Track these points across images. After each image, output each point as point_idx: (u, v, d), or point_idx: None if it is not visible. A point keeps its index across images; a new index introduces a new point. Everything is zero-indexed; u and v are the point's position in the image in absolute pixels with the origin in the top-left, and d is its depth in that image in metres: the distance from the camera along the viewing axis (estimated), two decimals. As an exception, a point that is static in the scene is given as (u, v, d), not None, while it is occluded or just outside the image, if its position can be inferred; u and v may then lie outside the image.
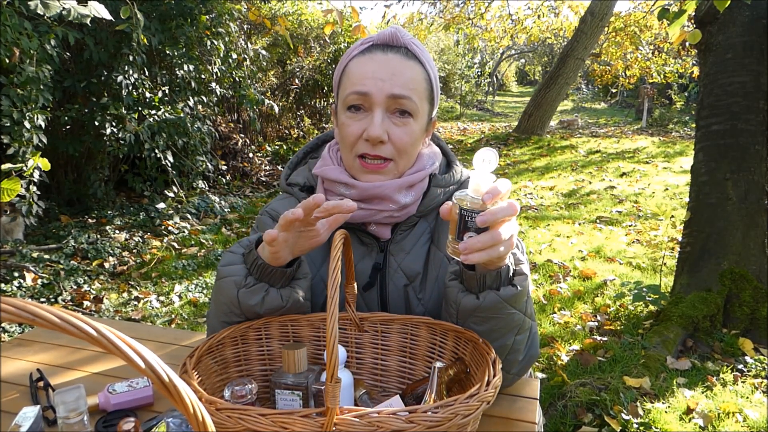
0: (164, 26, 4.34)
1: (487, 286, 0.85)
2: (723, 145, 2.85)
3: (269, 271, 0.89)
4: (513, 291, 0.84)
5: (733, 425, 2.08)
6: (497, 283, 0.85)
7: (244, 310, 0.91)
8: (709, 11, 2.90)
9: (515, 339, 0.88)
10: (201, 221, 4.90)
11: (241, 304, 0.90)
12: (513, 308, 0.85)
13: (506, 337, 0.87)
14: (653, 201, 5.71)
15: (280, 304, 0.91)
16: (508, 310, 0.85)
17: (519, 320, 0.87)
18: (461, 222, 0.77)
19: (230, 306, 0.91)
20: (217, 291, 0.93)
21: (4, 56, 2.75)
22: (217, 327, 0.94)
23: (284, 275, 0.90)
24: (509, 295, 0.84)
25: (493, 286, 0.85)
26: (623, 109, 15.75)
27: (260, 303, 0.90)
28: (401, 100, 0.94)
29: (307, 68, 7.63)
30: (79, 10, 2.14)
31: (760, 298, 2.71)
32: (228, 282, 0.90)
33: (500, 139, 9.71)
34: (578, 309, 3.20)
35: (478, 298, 0.85)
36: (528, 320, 0.89)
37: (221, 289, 0.91)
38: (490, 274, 0.84)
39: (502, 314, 0.85)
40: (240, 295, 0.89)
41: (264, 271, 0.89)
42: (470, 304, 0.85)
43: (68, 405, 0.82)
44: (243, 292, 0.89)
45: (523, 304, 0.87)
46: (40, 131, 3.22)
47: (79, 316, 0.34)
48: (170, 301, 3.35)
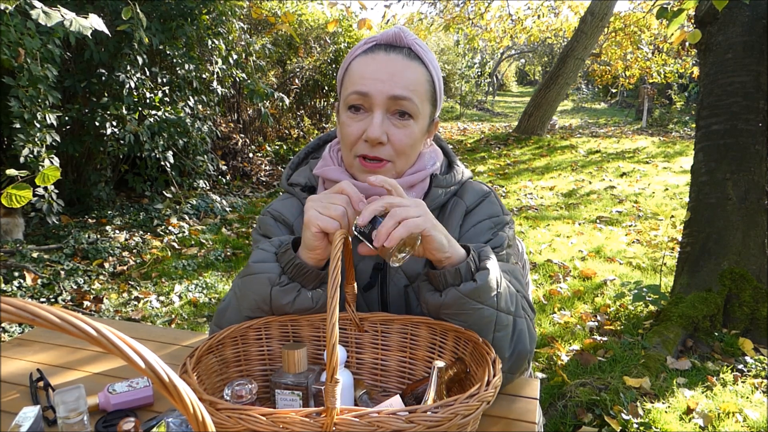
0: (165, 26, 4.34)
1: (449, 284, 0.87)
2: (723, 145, 2.85)
3: (305, 272, 0.90)
4: (473, 285, 0.85)
5: (733, 425, 2.08)
6: (458, 280, 0.86)
7: (274, 308, 0.92)
8: (709, 11, 2.90)
9: (495, 336, 0.88)
10: (201, 221, 4.91)
11: (272, 302, 0.91)
12: (478, 303, 0.86)
13: (483, 334, 0.87)
14: (653, 201, 5.71)
15: (310, 305, 0.92)
16: (472, 305, 0.86)
17: (490, 315, 0.87)
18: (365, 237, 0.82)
19: (259, 302, 0.92)
20: (245, 286, 0.93)
21: (9, 57, 2.75)
22: (234, 320, 0.95)
23: (317, 277, 0.91)
24: (469, 290, 0.85)
25: (454, 283, 0.86)
26: (623, 109, 15.76)
27: (291, 303, 0.91)
28: (401, 101, 0.94)
29: (307, 68, 7.63)
30: (80, 21, 2.15)
31: (760, 298, 2.71)
32: (262, 278, 0.90)
33: (500, 139, 9.71)
34: (578, 309, 3.20)
35: (441, 295, 0.87)
36: (505, 316, 0.89)
37: (252, 284, 0.92)
38: (450, 272, 0.86)
39: (467, 309, 0.86)
40: (273, 293, 0.90)
41: (299, 271, 0.90)
42: (435, 302, 0.88)
43: (68, 405, 0.82)
44: (276, 290, 0.90)
45: (492, 300, 0.87)
46: (52, 129, 3.22)
47: (79, 316, 0.34)
48: (170, 301, 3.35)
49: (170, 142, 4.62)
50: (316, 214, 0.84)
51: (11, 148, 3.14)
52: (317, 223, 0.84)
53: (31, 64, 2.95)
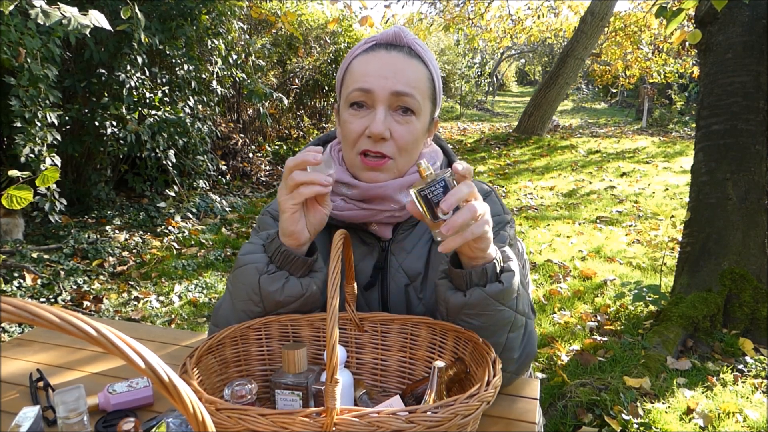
0: (164, 26, 4.34)
1: (473, 284, 0.86)
2: (723, 145, 2.85)
3: (291, 259, 0.90)
4: (499, 287, 0.84)
5: (733, 425, 2.08)
6: (483, 280, 0.85)
7: (264, 297, 0.92)
8: (709, 11, 2.90)
9: (508, 336, 0.88)
10: (201, 221, 4.91)
11: (261, 290, 0.91)
12: (501, 305, 0.86)
13: (498, 334, 0.87)
14: (653, 201, 5.71)
15: (300, 291, 0.92)
16: (495, 307, 0.85)
17: (509, 317, 0.87)
18: (427, 203, 0.78)
19: (250, 293, 0.92)
20: (235, 279, 0.94)
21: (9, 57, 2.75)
22: (231, 317, 0.95)
23: (305, 264, 0.92)
24: (495, 291, 0.84)
25: (480, 283, 0.85)
26: (623, 109, 15.76)
27: (280, 289, 0.91)
28: (404, 97, 0.94)
29: (307, 68, 7.63)
30: (79, 19, 2.13)
31: (760, 298, 2.71)
32: (249, 268, 0.91)
33: (500, 139, 9.71)
34: (578, 309, 3.20)
35: (465, 295, 0.86)
36: (521, 317, 0.89)
37: (241, 275, 0.92)
38: (476, 272, 0.84)
39: (489, 311, 0.85)
40: (261, 281, 0.90)
41: (286, 258, 0.90)
42: (458, 302, 0.87)
43: (68, 405, 0.82)
44: (264, 278, 0.90)
45: (513, 301, 0.87)
46: (53, 128, 3.23)
47: (79, 316, 0.34)
48: (170, 301, 3.35)
49: (170, 142, 4.62)
50: (284, 197, 0.87)
51: (11, 148, 3.14)
52: (290, 203, 0.86)
53: (32, 64, 2.95)
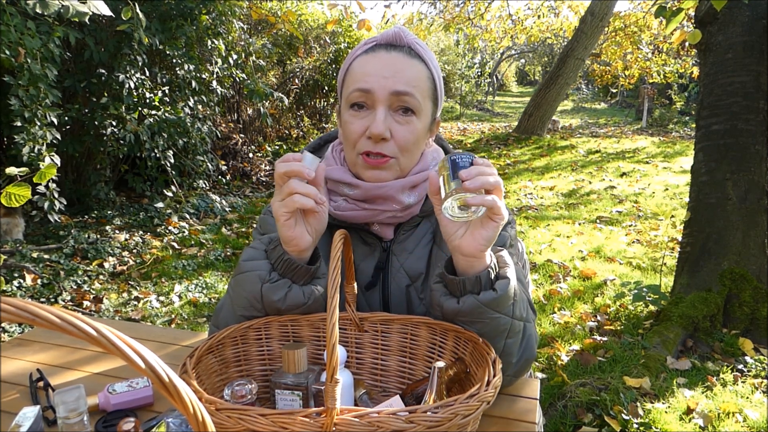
0: (164, 26, 4.34)
1: (467, 291, 0.85)
2: (723, 145, 2.85)
3: (294, 267, 0.90)
4: (493, 295, 0.83)
5: (733, 425, 2.08)
6: (477, 288, 0.84)
7: (266, 305, 0.91)
8: (709, 11, 2.90)
9: (506, 342, 0.87)
10: (201, 221, 4.91)
11: (264, 299, 0.90)
12: (496, 312, 0.85)
13: (495, 340, 0.86)
14: (653, 201, 5.71)
15: (302, 300, 0.91)
16: (490, 315, 0.84)
17: (506, 324, 0.86)
18: (454, 166, 0.80)
19: (252, 300, 0.91)
20: (237, 285, 0.93)
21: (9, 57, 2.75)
22: (231, 321, 0.94)
23: (308, 272, 0.91)
24: (489, 299, 0.83)
25: (473, 291, 0.85)
26: (623, 109, 15.76)
27: (282, 299, 0.90)
28: (404, 97, 0.94)
29: (307, 68, 7.63)
30: (77, 7, 2.12)
31: (760, 298, 2.71)
32: (252, 276, 0.90)
33: (500, 139, 9.71)
34: (578, 309, 3.20)
35: (459, 302, 0.85)
36: (518, 323, 0.88)
37: (243, 282, 0.92)
38: (470, 279, 0.84)
39: (484, 318, 0.84)
40: (264, 290, 0.90)
41: (289, 267, 0.90)
42: (451, 308, 0.86)
43: (68, 405, 0.82)
44: (267, 287, 0.90)
45: (509, 308, 0.86)
46: (52, 128, 3.23)
47: (79, 316, 0.34)
48: (170, 301, 3.35)
49: (170, 142, 4.61)
50: (276, 204, 0.86)
51: (11, 148, 3.15)
52: (283, 210, 0.85)
53: (32, 64, 2.95)
